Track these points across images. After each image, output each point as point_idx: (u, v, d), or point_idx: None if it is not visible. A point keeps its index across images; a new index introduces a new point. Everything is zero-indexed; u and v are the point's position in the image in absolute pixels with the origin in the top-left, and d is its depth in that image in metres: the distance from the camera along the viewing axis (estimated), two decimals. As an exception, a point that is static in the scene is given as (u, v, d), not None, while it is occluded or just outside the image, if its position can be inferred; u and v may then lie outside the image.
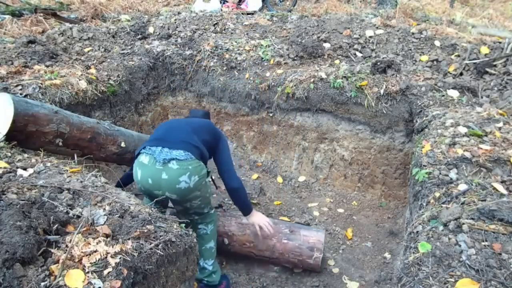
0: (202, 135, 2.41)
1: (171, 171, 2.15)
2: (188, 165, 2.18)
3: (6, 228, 1.26)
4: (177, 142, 2.25)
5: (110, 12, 5.58)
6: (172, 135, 2.33)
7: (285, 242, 2.69)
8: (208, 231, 2.51)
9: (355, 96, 3.42)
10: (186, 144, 2.26)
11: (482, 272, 1.42)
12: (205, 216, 2.50)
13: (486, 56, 3.55)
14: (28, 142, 2.19)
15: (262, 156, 4.20)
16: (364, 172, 3.72)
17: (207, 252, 2.50)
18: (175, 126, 2.45)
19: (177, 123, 2.51)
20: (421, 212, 1.96)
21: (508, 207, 1.70)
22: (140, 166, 2.24)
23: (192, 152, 2.23)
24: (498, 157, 2.11)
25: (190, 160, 2.20)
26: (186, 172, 2.17)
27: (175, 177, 2.16)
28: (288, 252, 2.69)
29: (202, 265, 2.48)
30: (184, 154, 2.20)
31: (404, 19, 4.75)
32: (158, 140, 2.30)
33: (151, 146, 2.25)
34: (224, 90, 4.08)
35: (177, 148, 2.21)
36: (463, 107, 2.97)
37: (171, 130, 2.40)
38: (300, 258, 2.68)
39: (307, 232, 2.74)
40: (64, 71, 3.26)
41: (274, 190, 3.83)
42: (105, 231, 1.42)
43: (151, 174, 2.18)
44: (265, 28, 4.63)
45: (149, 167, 2.19)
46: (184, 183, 2.18)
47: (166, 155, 2.18)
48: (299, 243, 2.68)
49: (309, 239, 2.68)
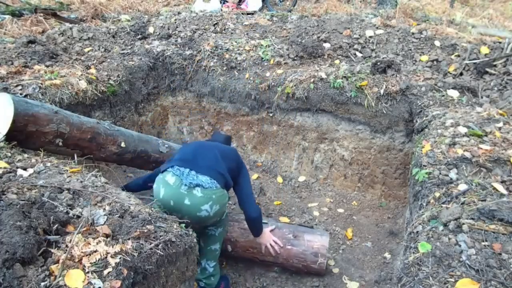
0: (228, 163, 2.41)
1: (195, 198, 2.16)
2: (212, 194, 2.19)
3: (6, 228, 1.26)
4: (205, 167, 2.26)
5: (110, 12, 5.58)
6: (201, 158, 2.33)
7: (289, 248, 2.67)
8: (217, 233, 2.49)
9: (355, 96, 3.42)
10: (214, 171, 2.27)
11: (482, 272, 1.42)
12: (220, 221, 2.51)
13: (486, 56, 3.55)
14: (28, 142, 2.19)
15: (262, 156, 4.20)
16: (364, 172, 3.72)
17: (211, 253, 2.48)
18: (203, 149, 2.45)
19: (206, 146, 2.51)
20: (421, 212, 1.96)
21: (508, 207, 1.70)
22: (164, 185, 2.22)
23: (217, 180, 2.24)
24: (498, 157, 2.11)
25: (215, 189, 2.21)
26: (209, 201, 2.18)
27: (197, 205, 2.16)
28: (292, 258, 2.67)
29: (203, 266, 2.47)
30: (210, 181, 2.20)
31: (404, 19, 4.75)
32: (186, 161, 2.30)
33: (179, 167, 2.24)
34: (224, 90, 4.08)
35: (203, 174, 2.22)
36: (463, 107, 2.97)
37: (200, 152, 2.39)
38: (304, 263, 2.67)
39: (311, 236, 2.69)
40: (64, 71, 3.26)
41: (274, 190, 3.83)
42: (105, 231, 1.42)
43: (174, 197, 2.17)
44: (265, 28, 4.63)
45: (173, 188, 2.18)
46: (205, 212, 2.18)
47: (193, 179, 2.18)
48: (303, 249, 2.65)
49: (313, 245, 2.65)
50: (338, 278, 2.80)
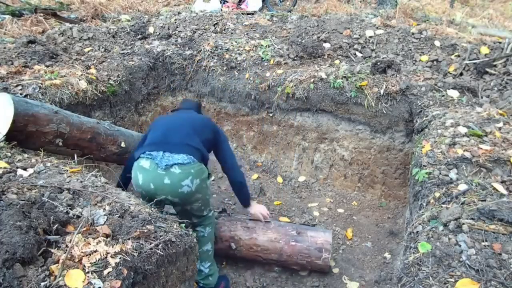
0: (203, 134, 2.39)
1: (174, 175, 2.14)
2: (190, 168, 2.17)
3: (6, 228, 1.26)
4: (178, 146, 2.23)
5: (110, 12, 5.58)
6: (172, 137, 2.29)
7: (293, 244, 2.68)
8: (206, 234, 2.48)
9: (355, 96, 3.42)
10: (188, 147, 2.24)
11: (482, 272, 1.42)
12: (204, 219, 2.48)
13: (486, 56, 3.55)
14: (28, 142, 2.19)
15: (262, 156, 4.20)
16: (364, 172, 3.72)
17: (203, 254, 2.47)
18: (174, 126, 2.40)
19: (176, 122, 2.46)
20: (421, 212, 1.96)
21: (508, 207, 1.70)
22: (141, 171, 2.21)
23: (194, 155, 2.22)
24: (498, 157, 2.11)
25: (193, 163, 2.19)
26: (189, 176, 2.16)
27: (177, 181, 2.15)
28: (296, 254, 2.68)
29: (198, 268, 2.45)
30: (186, 158, 2.18)
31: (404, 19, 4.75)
32: (158, 144, 2.26)
33: (151, 151, 2.22)
34: (224, 90, 4.08)
35: (178, 152, 2.19)
36: (463, 107, 2.97)
37: (171, 131, 2.35)
38: (308, 259, 2.67)
39: (314, 233, 2.72)
40: (64, 71, 3.26)
41: (274, 190, 3.83)
42: (105, 231, 1.42)
43: (153, 179, 2.16)
44: (265, 28, 4.63)
45: (150, 171, 2.17)
46: (186, 187, 2.17)
47: (168, 160, 2.16)
48: (307, 245, 2.66)
49: (316, 240, 2.67)
50: (338, 278, 2.80)
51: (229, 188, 3.72)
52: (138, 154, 2.28)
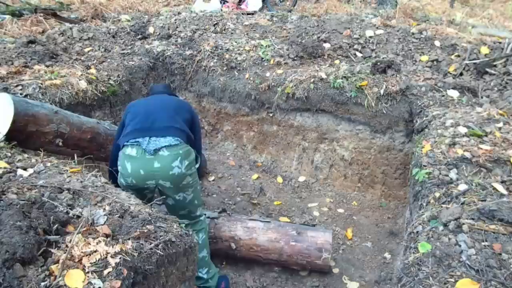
0: (183, 115, 2.37)
1: (163, 158, 2.12)
2: (178, 149, 2.16)
3: (6, 228, 1.26)
4: (163, 129, 2.20)
5: (110, 12, 5.58)
6: (155, 121, 2.25)
7: (293, 244, 2.68)
8: (200, 240, 2.44)
9: (355, 96, 3.42)
10: (173, 129, 2.22)
11: (482, 272, 1.42)
12: (196, 223, 2.45)
13: (486, 56, 3.55)
14: (28, 142, 2.20)
15: (262, 156, 4.20)
16: (364, 172, 3.72)
17: (200, 261, 2.43)
18: (155, 110, 2.34)
19: (155, 106, 2.39)
20: (421, 212, 1.96)
21: (508, 207, 1.70)
22: (129, 159, 2.16)
23: (180, 137, 2.21)
24: (498, 157, 2.11)
25: (180, 144, 2.18)
26: (178, 157, 2.15)
27: (168, 163, 2.13)
28: (296, 254, 2.68)
29: (197, 275, 2.39)
30: (173, 140, 2.17)
31: (404, 19, 4.75)
32: (141, 130, 2.22)
33: (136, 138, 2.18)
34: (224, 90, 4.08)
35: (164, 135, 2.17)
36: (463, 107, 2.97)
37: (153, 115, 2.30)
38: (308, 259, 2.67)
39: (314, 233, 2.72)
40: (64, 71, 3.26)
41: (274, 190, 3.83)
42: (105, 231, 1.42)
43: (143, 166, 2.13)
44: (265, 28, 4.62)
45: (139, 158, 2.14)
46: (177, 168, 2.15)
47: (156, 144, 2.14)
48: (307, 245, 2.66)
49: (316, 240, 2.67)
50: (338, 278, 2.80)
51: (229, 188, 3.73)
52: (122, 143, 2.23)
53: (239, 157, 4.24)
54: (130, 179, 2.19)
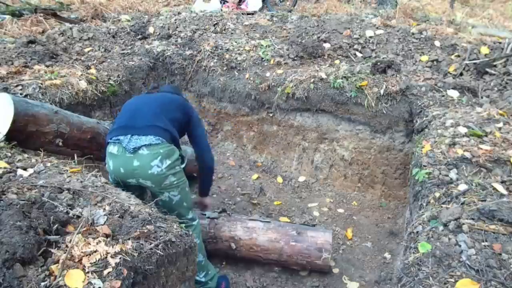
0: (171, 113, 2.32)
1: (142, 157, 2.10)
2: (159, 149, 2.13)
3: (6, 228, 1.26)
4: (145, 128, 2.17)
5: (110, 12, 5.58)
6: (138, 119, 2.22)
7: (293, 244, 2.67)
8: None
9: (355, 96, 3.42)
10: (155, 128, 2.18)
11: (482, 272, 1.42)
12: (189, 227, 2.36)
13: (486, 56, 3.55)
14: (28, 142, 2.20)
15: (262, 156, 4.20)
16: (364, 172, 3.72)
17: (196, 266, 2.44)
18: (141, 107, 2.32)
19: (143, 104, 2.37)
20: (421, 212, 1.96)
21: (508, 207, 1.70)
22: (110, 156, 2.17)
23: (162, 136, 2.16)
24: (498, 157, 2.12)
25: (161, 144, 2.14)
26: (157, 156, 2.12)
27: (146, 162, 2.10)
28: (296, 254, 2.67)
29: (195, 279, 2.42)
30: (154, 139, 2.13)
31: (404, 19, 4.75)
32: (124, 128, 2.20)
33: (119, 135, 2.16)
34: (224, 90, 4.08)
35: (146, 134, 2.14)
36: (463, 107, 2.97)
37: (137, 112, 2.28)
38: (308, 259, 2.67)
39: (314, 233, 2.72)
40: (64, 71, 3.26)
41: (274, 190, 3.83)
42: (105, 231, 1.42)
43: (122, 163, 2.13)
44: (265, 28, 4.62)
45: (119, 156, 2.13)
46: (156, 167, 2.12)
47: (136, 143, 2.11)
48: (307, 245, 2.66)
49: (316, 240, 2.67)
50: (338, 278, 2.80)
51: (229, 188, 3.73)
52: (107, 140, 2.24)
53: (239, 157, 4.24)
54: (113, 176, 2.22)
